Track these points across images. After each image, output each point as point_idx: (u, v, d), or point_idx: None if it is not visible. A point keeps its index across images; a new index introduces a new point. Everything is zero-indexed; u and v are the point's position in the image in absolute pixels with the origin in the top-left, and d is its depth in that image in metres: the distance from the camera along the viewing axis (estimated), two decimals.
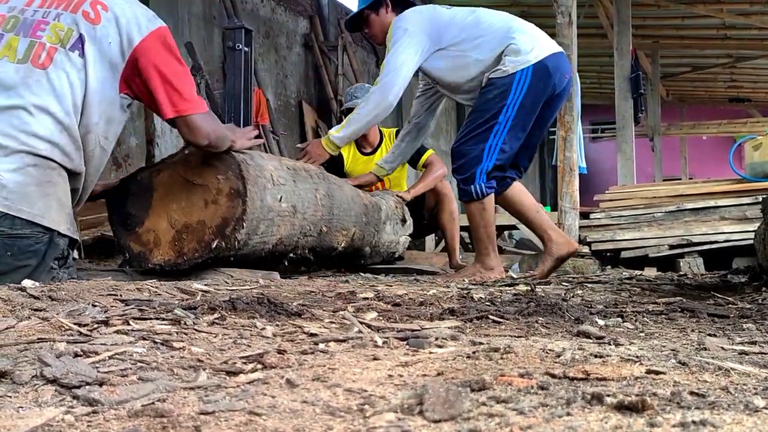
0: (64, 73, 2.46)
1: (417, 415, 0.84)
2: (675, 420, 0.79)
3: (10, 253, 2.35)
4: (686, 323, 1.84)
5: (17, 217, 2.35)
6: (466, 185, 3.79)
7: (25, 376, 1.04)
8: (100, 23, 2.52)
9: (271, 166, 3.16)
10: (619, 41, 9.72)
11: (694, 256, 5.46)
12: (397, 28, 3.89)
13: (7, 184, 2.34)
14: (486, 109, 3.79)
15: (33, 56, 2.44)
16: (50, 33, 2.47)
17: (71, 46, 2.48)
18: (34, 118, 2.40)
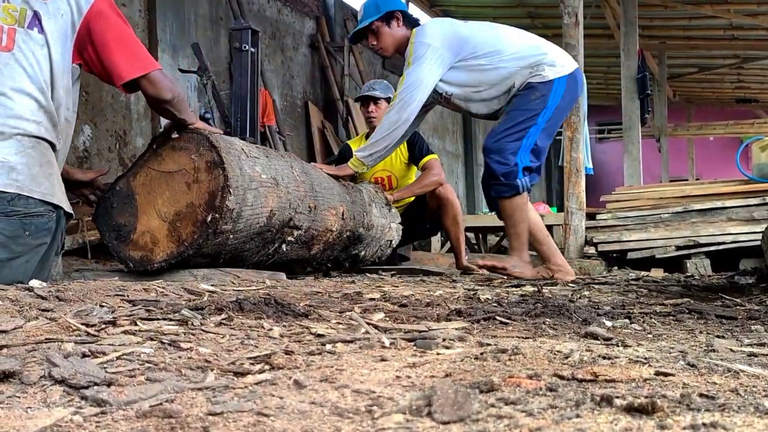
0: (30, 52, 2.46)
1: (426, 416, 0.84)
2: (685, 422, 0.78)
3: (28, 233, 2.39)
4: (694, 325, 1.83)
5: (30, 197, 2.39)
6: (510, 179, 3.83)
7: (34, 377, 1.04)
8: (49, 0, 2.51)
9: (238, 142, 3.20)
10: (625, 42, 9.69)
11: (701, 258, 5.44)
12: (419, 44, 3.90)
13: (16, 167, 2.38)
14: (527, 110, 3.86)
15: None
16: (3, 15, 2.46)
17: (29, 25, 2.48)
18: (14, 102, 2.42)
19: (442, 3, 12.96)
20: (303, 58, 11.03)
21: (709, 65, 15.88)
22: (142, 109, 7.54)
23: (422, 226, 5.22)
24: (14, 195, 2.36)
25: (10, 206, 2.35)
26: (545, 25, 12.93)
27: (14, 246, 2.37)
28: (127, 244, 2.96)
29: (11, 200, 2.35)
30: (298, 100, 10.80)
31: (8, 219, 2.35)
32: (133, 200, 2.98)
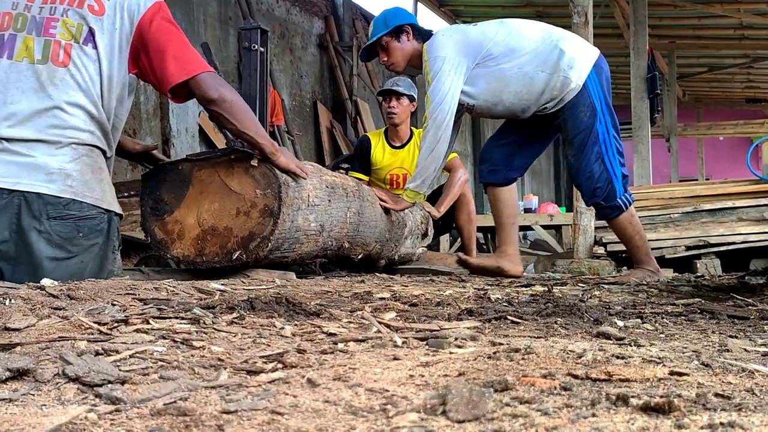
0: (83, 67, 2.57)
1: (440, 415, 0.84)
2: (702, 422, 0.78)
3: (81, 234, 2.55)
4: (706, 324, 1.83)
5: (83, 202, 2.55)
6: (610, 202, 3.85)
7: (48, 375, 1.04)
8: (105, 12, 2.61)
9: (310, 185, 3.12)
10: (635, 41, 9.67)
11: (711, 258, 5.43)
12: (434, 59, 3.86)
13: (71, 173, 2.54)
14: (585, 129, 3.84)
15: (52, 55, 2.54)
16: (62, 29, 2.56)
17: (84, 41, 2.58)
18: (69, 114, 2.55)
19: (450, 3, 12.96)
20: (312, 58, 11.05)
21: (719, 65, 15.84)
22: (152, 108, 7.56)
23: (434, 225, 5.22)
24: (69, 200, 2.52)
25: (65, 210, 2.51)
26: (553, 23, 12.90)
27: (69, 246, 2.53)
28: (157, 219, 2.97)
29: (66, 204, 2.52)
30: (307, 99, 10.81)
31: (63, 222, 2.51)
32: (185, 187, 2.97)
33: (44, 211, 2.48)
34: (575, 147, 3.87)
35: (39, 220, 2.47)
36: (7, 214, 2.45)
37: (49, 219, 2.48)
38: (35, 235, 2.47)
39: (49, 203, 2.48)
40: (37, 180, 2.48)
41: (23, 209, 2.46)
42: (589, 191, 3.87)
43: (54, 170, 2.50)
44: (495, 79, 3.85)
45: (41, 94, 2.52)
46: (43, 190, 2.48)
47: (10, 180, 2.45)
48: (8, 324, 1.41)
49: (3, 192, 2.45)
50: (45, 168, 2.49)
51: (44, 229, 2.47)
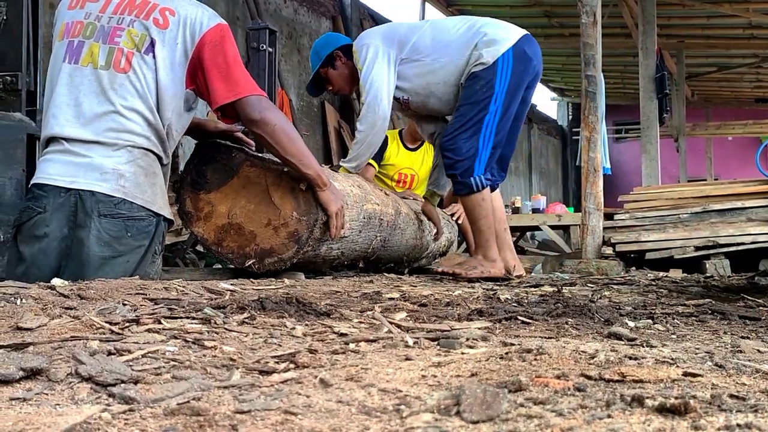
0: (142, 74, 2.67)
1: (454, 415, 0.83)
2: (719, 423, 0.77)
3: (129, 234, 2.63)
4: (718, 325, 1.82)
5: (134, 203, 2.64)
6: (464, 178, 3.76)
7: (61, 374, 1.05)
8: (169, 27, 2.70)
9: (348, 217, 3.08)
10: (644, 41, 9.64)
11: (720, 258, 5.40)
12: (360, 48, 3.92)
13: (124, 174, 2.64)
14: (475, 102, 3.77)
15: (114, 62, 2.65)
16: (126, 38, 2.68)
17: (145, 50, 2.68)
18: (126, 118, 2.64)
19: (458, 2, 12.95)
20: None
21: (727, 64, 15.77)
22: None
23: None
24: (120, 199, 2.61)
25: (116, 209, 2.61)
26: (562, 24, 12.89)
27: (117, 245, 2.61)
28: (192, 192, 3.00)
29: (117, 204, 2.61)
30: (315, 100, 10.81)
31: (114, 220, 2.60)
32: (231, 176, 2.99)
33: (96, 209, 2.58)
34: (458, 114, 3.82)
35: (90, 217, 2.57)
36: (64, 212, 2.57)
37: (100, 216, 2.58)
38: (86, 232, 2.57)
39: (100, 201, 2.58)
40: (92, 179, 2.58)
41: (78, 207, 2.57)
42: (450, 159, 3.80)
43: (108, 170, 2.60)
44: (423, 73, 3.89)
45: (101, 98, 2.63)
46: (96, 189, 2.58)
47: (67, 179, 2.57)
48: (20, 324, 1.42)
49: (61, 190, 2.57)
50: (100, 168, 2.59)
51: (94, 226, 2.57)
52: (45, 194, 2.59)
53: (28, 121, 3.11)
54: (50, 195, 2.59)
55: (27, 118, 3.13)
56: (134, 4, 2.72)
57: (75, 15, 2.72)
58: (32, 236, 2.58)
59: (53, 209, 2.58)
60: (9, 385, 1.00)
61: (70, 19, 2.71)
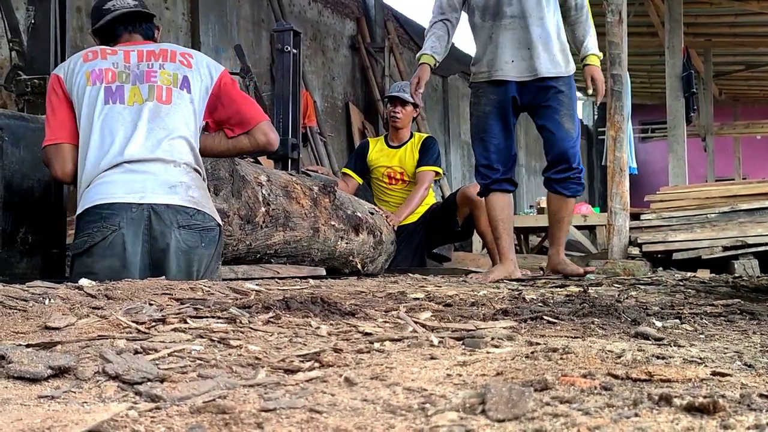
0: (182, 106, 2.87)
1: (480, 414, 0.83)
2: (748, 422, 0.76)
3: (203, 244, 2.76)
4: (747, 325, 1.80)
5: (205, 213, 2.78)
6: (581, 183, 4.02)
7: (88, 372, 1.06)
8: (193, 67, 2.95)
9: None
10: (670, 39, 9.55)
11: (749, 258, 5.33)
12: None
13: (190, 186, 2.78)
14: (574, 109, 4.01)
15: (156, 95, 2.84)
16: (161, 77, 2.88)
17: (180, 86, 2.89)
18: (175, 143, 2.80)
19: None
20: (344, 59, 11.07)
21: (756, 63, 15.58)
22: None
23: (451, 228, 5.25)
24: (194, 210, 2.74)
25: (192, 220, 2.73)
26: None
27: (192, 255, 2.73)
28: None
29: (193, 215, 2.73)
30: (339, 101, 10.84)
31: (191, 231, 2.72)
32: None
33: (174, 220, 2.68)
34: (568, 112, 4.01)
35: (170, 228, 2.67)
36: (139, 226, 2.64)
37: (179, 228, 2.69)
38: (166, 244, 2.67)
39: (178, 212, 2.69)
40: (162, 192, 2.70)
41: (153, 220, 2.66)
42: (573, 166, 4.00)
43: (175, 183, 2.72)
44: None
45: (150, 125, 2.78)
46: (170, 201, 2.69)
47: (135, 195, 2.66)
48: (49, 323, 1.43)
49: (132, 206, 2.65)
50: (166, 182, 2.71)
51: (174, 237, 2.68)
52: (114, 212, 2.64)
53: None
54: (121, 212, 2.64)
55: None
56: (156, 54, 2.93)
57: (99, 63, 2.85)
58: (110, 255, 2.62)
59: (127, 225, 2.63)
60: (37, 383, 1.02)
61: (96, 67, 2.83)
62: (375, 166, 5.37)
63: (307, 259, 3.62)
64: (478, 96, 4.02)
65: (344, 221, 3.86)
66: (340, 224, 3.81)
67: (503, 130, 4.01)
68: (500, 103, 3.99)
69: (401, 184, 5.27)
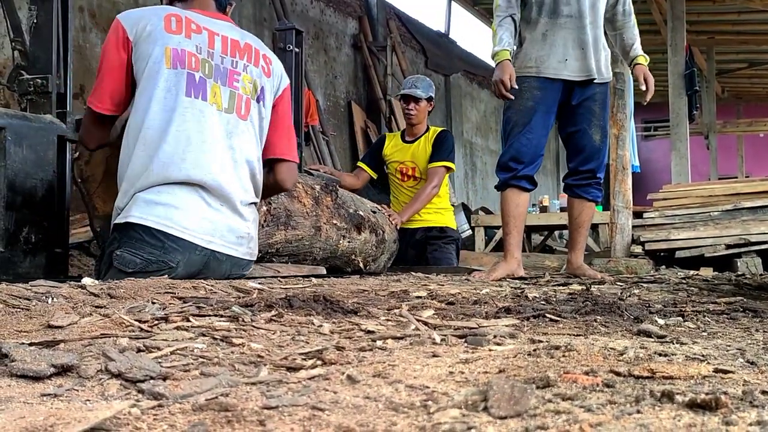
0: (258, 122, 2.76)
1: (482, 411, 0.83)
2: (751, 419, 0.76)
3: None
4: (749, 323, 1.79)
5: (253, 261, 2.80)
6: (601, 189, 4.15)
7: (91, 371, 1.06)
8: (271, 76, 2.81)
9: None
10: (673, 37, 9.54)
11: (752, 256, 5.34)
12: None
13: (253, 237, 2.76)
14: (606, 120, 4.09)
15: (236, 107, 2.67)
16: (243, 84, 2.70)
17: (257, 98, 2.76)
18: (248, 173, 2.70)
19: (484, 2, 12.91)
20: (346, 58, 11.07)
21: (759, 60, 15.57)
22: None
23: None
24: (248, 262, 2.75)
25: (243, 271, 2.74)
26: None
27: None
28: None
29: (244, 266, 2.74)
30: (341, 99, 10.84)
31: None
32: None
33: (230, 271, 2.65)
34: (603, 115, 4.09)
35: (222, 276, 2.59)
36: (194, 268, 2.55)
37: (230, 278, 2.60)
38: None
39: (235, 264, 2.66)
40: (228, 242, 2.61)
41: (211, 263, 2.59)
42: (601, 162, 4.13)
43: (243, 234, 2.67)
44: None
45: (226, 143, 2.62)
46: (233, 253, 2.64)
47: (205, 237, 2.55)
48: (52, 322, 1.44)
49: (197, 248, 2.54)
50: (236, 231, 2.63)
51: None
52: (179, 249, 2.49)
53: (59, 123, 3.14)
54: (185, 252, 2.50)
55: (57, 120, 3.16)
56: (241, 49, 2.71)
57: (182, 43, 2.58)
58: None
59: (185, 265, 2.52)
60: (40, 382, 1.02)
61: (178, 46, 2.57)
62: (390, 161, 5.29)
63: (309, 258, 3.62)
64: (522, 90, 3.94)
65: (346, 220, 3.85)
66: (342, 223, 3.80)
67: (542, 128, 3.99)
68: (545, 100, 3.95)
69: (412, 181, 5.18)
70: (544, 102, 3.95)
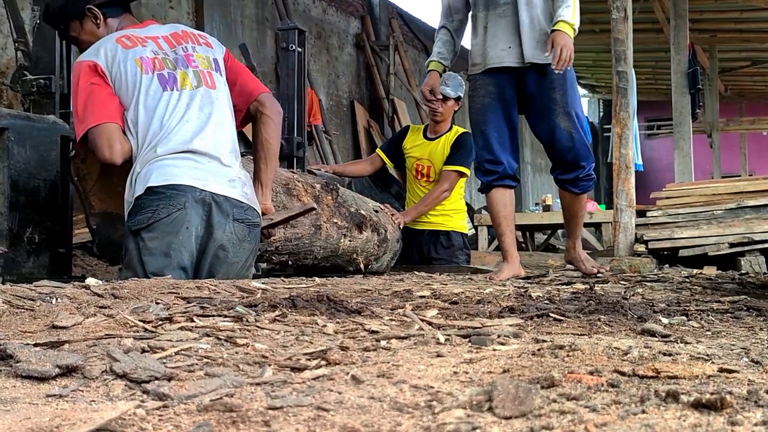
0: (223, 91, 2.94)
1: (486, 411, 0.83)
2: (756, 419, 0.76)
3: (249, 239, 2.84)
4: (753, 322, 1.79)
5: (255, 209, 2.87)
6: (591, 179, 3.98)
7: (96, 371, 1.06)
8: (213, 47, 3.03)
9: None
10: (675, 36, 9.52)
11: (755, 255, 5.32)
12: None
13: (246, 182, 2.87)
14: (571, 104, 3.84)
15: (204, 81, 2.89)
16: (199, 61, 2.93)
17: (215, 68, 2.96)
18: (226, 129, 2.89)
19: None
20: (348, 58, 11.07)
21: (761, 58, 15.52)
22: None
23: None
24: (248, 206, 2.83)
25: (245, 215, 2.81)
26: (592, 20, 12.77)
27: (238, 249, 2.81)
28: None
29: (246, 210, 2.82)
30: (344, 99, 10.84)
31: (242, 225, 2.80)
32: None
33: (232, 213, 2.76)
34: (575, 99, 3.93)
35: (227, 219, 2.75)
36: (201, 211, 2.71)
37: (234, 221, 2.77)
38: (222, 233, 2.74)
39: (235, 206, 2.77)
40: (223, 184, 2.77)
41: (213, 208, 2.73)
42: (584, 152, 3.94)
43: (234, 177, 2.81)
44: None
45: (205, 112, 2.84)
46: (228, 194, 2.77)
47: (200, 181, 2.72)
48: (56, 322, 1.44)
49: (196, 189, 2.70)
50: (227, 174, 2.79)
51: (229, 229, 2.76)
52: (182, 192, 2.68)
53: (62, 124, 3.15)
54: (188, 193, 2.69)
55: (60, 120, 3.17)
56: (179, 36, 2.97)
57: (142, 52, 2.84)
58: (172, 232, 2.66)
59: (192, 205, 2.68)
60: (45, 382, 1.02)
61: (143, 55, 2.84)
62: (408, 154, 5.17)
63: (309, 256, 3.62)
64: (476, 89, 3.89)
65: (347, 219, 3.84)
66: (342, 222, 3.79)
67: (504, 120, 3.87)
68: (499, 93, 3.85)
69: (425, 181, 5.06)
70: (498, 95, 3.85)
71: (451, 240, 5.09)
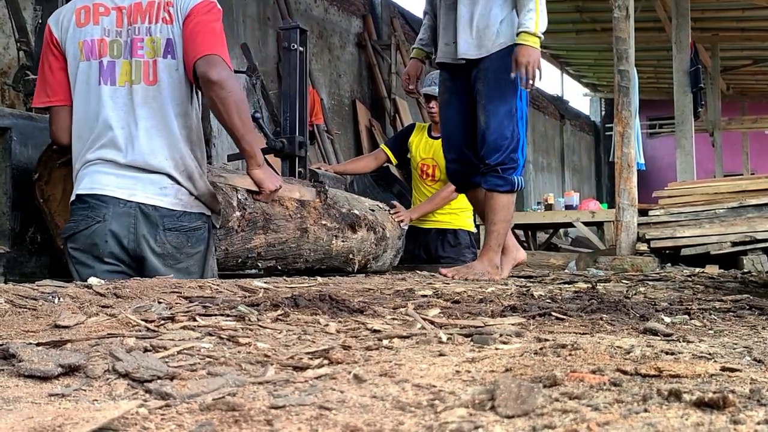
0: (168, 81, 2.71)
1: (489, 410, 0.83)
2: (759, 417, 0.76)
3: (189, 243, 2.75)
4: (756, 321, 1.79)
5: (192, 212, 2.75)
6: (508, 174, 3.50)
7: (98, 371, 1.06)
8: (173, 21, 2.72)
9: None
10: (677, 34, 9.52)
11: (757, 254, 5.32)
12: None
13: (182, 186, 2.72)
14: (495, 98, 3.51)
15: (144, 75, 2.70)
16: (147, 48, 2.72)
17: (164, 53, 2.71)
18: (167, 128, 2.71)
19: None
20: (350, 57, 11.07)
21: (763, 57, 15.54)
22: None
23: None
24: (181, 212, 2.73)
25: (178, 222, 2.72)
26: (594, 19, 12.78)
27: (179, 255, 2.74)
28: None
29: (179, 217, 2.72)
30: (346, 98, 10.84)
31: (176, 232, 2.72)
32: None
33: (161, 223, 2.68)
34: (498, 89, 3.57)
35: (156, 230, 2.67)
36: (124, 222, 2.64)
37: (165, 230, 2.69)
38: (151, 243, 2.67)
39: (165, 216, 2.69)
40: (152, 193, 2.67)
41: (140, 219, 2.66)
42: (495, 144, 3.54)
43: (167, 185, 2.70)
44: None
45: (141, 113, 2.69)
46: (158, 203, 2.68)
47: (126, 191, 2.65)
48: (58, 322, 1.44)
49: (120, 201, 2.64)
50: (159, 182, 2.68)
51: (159, 239, 2.68)
52: (104, 204, 2.63)
53: None
54: (109, 205, 2.63)
55: None
56: (142, 10, 2.73)
57: (91, 32, 2.72)
58: (90, 244, 2.63)
59: (113, 218, 2.63)
60: (48, 382, 1.02)
61: (88, 37, 2.72)
62: (413, 152, 5.12)
63: (300, 260, 3.58)
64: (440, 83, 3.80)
65: (338, 220, 3.80)
66: (332, 223, 3.75)
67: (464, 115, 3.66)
68: (453, 88, 3.71)
69: (430, 181, 5.00)
70: (453, 89, 3.70)
71: (458, 238, 5.08)
